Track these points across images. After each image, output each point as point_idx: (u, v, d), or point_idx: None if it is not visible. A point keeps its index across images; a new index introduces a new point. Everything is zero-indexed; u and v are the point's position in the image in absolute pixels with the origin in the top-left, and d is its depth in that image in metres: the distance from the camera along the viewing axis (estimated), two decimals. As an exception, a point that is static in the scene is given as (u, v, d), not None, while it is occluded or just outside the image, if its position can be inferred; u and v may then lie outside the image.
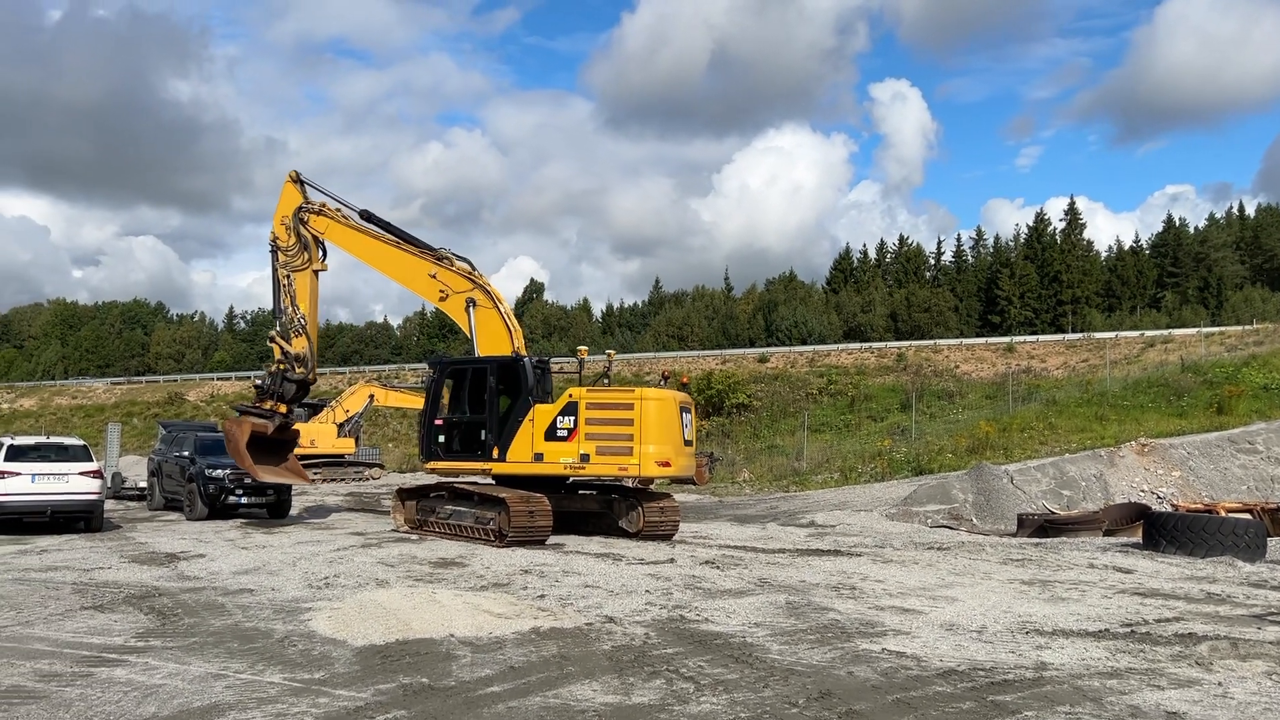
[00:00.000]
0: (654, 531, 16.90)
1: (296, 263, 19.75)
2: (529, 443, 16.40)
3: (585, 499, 17.73)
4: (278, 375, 19.55)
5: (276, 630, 8.89)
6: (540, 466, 16.39)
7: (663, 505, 17.15)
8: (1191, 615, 9.80)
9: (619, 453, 16.08)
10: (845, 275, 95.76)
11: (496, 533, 15.75)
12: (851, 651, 8.08)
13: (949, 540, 17.54)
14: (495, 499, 15.97)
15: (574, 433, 16.12)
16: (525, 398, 16.59)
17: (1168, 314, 73.65)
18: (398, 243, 19.35)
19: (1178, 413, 30.40)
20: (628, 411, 16.17)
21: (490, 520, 15.97)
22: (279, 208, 20.11)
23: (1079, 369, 46.91)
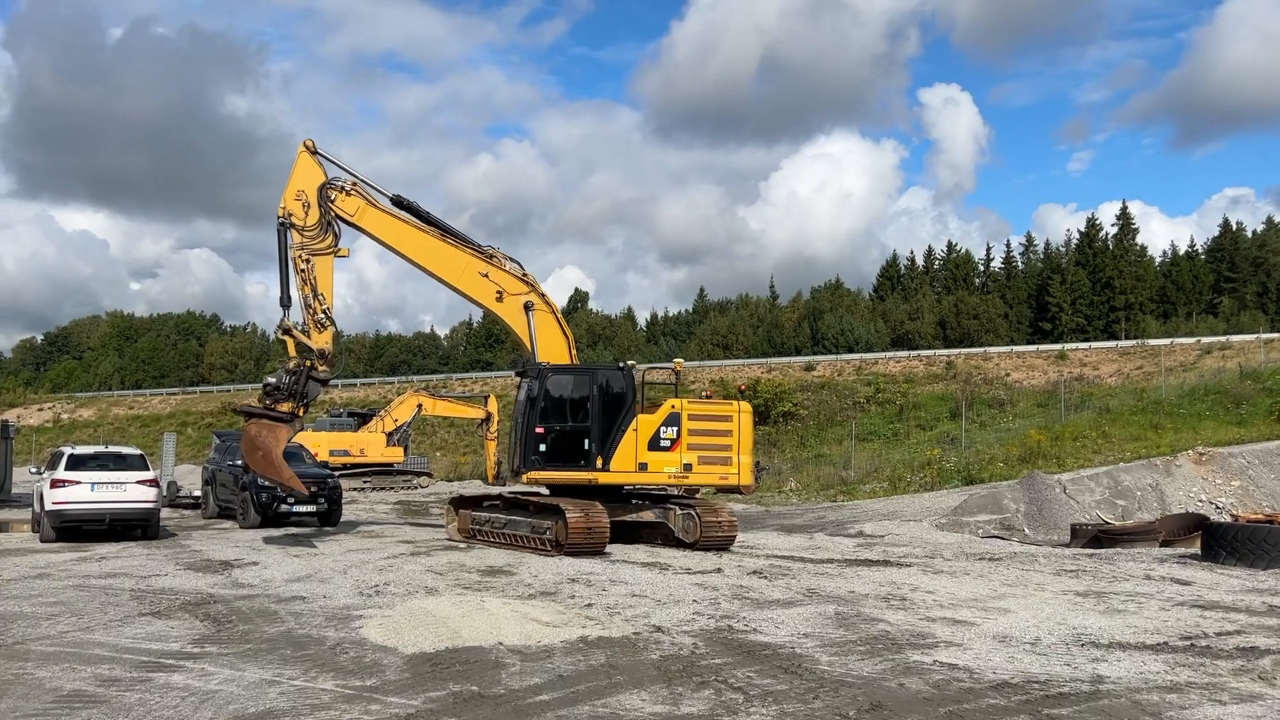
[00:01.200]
0: (711, 541, 16.55)
1: (319, 246, 17.50)
2: (633, 453, 16.22)
3: (640, 508, 17.41)
4: (300, 373, 17.07)
5: (328, 637, 9.00)
6: (645, 476, 16.42)
7: (720, 515, 16.80)
8: (1253, 628, 9.57)
9: (719, 462, 16.59)
10: (892, 282, 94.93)
11: (553, 542, 15.63)
12: (902, 663, 7.99)
13: (1000, 551, 17.30)
14: (552, 508, 15.83)
15: (676, 443, 16.28)
16: (630, 408, 16.44)
17: (1225, 320, 72.01)
18: (443, 235, 18.11)
19: (1236, 421, 29.73)
20: (727, 423, 16.77)
21: (547, 530, 15.85)
22: (293, 180, 17.58)
23: (1133, 376, 46.06)
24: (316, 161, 17.77)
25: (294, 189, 17.44)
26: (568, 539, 15.27)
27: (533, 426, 16.73)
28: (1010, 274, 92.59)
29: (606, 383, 16.69)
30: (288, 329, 17.20)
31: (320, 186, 17.52)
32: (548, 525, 15.87)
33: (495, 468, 40.16)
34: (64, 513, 17.34)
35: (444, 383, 70.58)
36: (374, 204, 17.87)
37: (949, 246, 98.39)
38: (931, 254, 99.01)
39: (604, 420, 16.36)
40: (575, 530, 15.24)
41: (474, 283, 17.95)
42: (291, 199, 17.37)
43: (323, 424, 39.28)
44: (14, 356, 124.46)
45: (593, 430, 16.38)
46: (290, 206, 17.31)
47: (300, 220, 17.25)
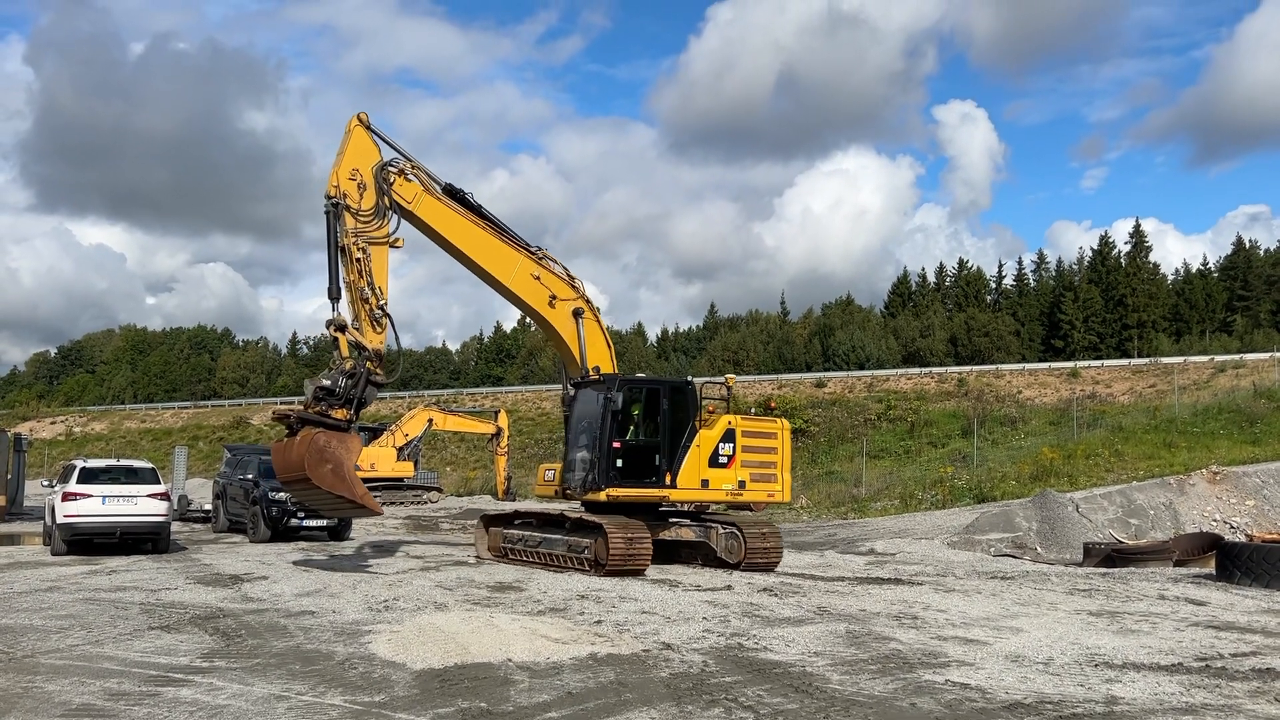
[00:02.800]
0: (757, 562, 15.94)
1: (375, 233, 15.46)
2: (697, 469, 15.91)
3: (680, 526, 16.71)
4: (359, 376, 14.96)
5: (337, 652, 8.98)
6: (706, 493, 16.12)
7: (765, 534, 16.19)
8: (1269, 649, 9.46)
9: (767, 479, 16.46)
10: (904, 299, 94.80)
11: (592, 562, 15.07)
12: (914, 682, 7.93)
13: (1013, 569, 17.18)
14: (590, 526, 15.24)
15: (733, 459, 16.10)
16: (694, 423, 16.14)
17: (1239, 338, 71.56)
18: (497, 232, 16.80)
19: (1251, 440, 29.52)
20: (772, 440, 16.67)
21: (585, 549, 15.27)
22: (346, 157, 15.56)
23: (1146, 395, 45.82)
24: (371, 138, 15.91)
25: (348, 167, 15.44)
26: (609, 558, 14.65)
27: (612, 440, 15.77)
28: (1022, 291, 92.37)
29: (675, 397, 16.35)
30: (342, 325, 15.04)
31: (377, 167, 15.68)
32: (586, 544, 15.28)
33: (505, 483, 40.33)
34: (75, 526, 17.38)
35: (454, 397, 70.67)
36: (431, 191, 16.26)
37: (960, 264, 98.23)
38: (943, 271, 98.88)
39: (673, 435, 16.03)
40: (616, 549, 14.64)
41: (526, 285, 16.86)
42: (345, 178, 15.34)
43: (333, 438, 39.28)
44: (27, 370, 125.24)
45: (663, 445, 16.01)
46: (345, 187, 15.27)
47: (355, 203, 15.26)
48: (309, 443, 14.27)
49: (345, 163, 15.48)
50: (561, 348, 17.50)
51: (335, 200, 15.13)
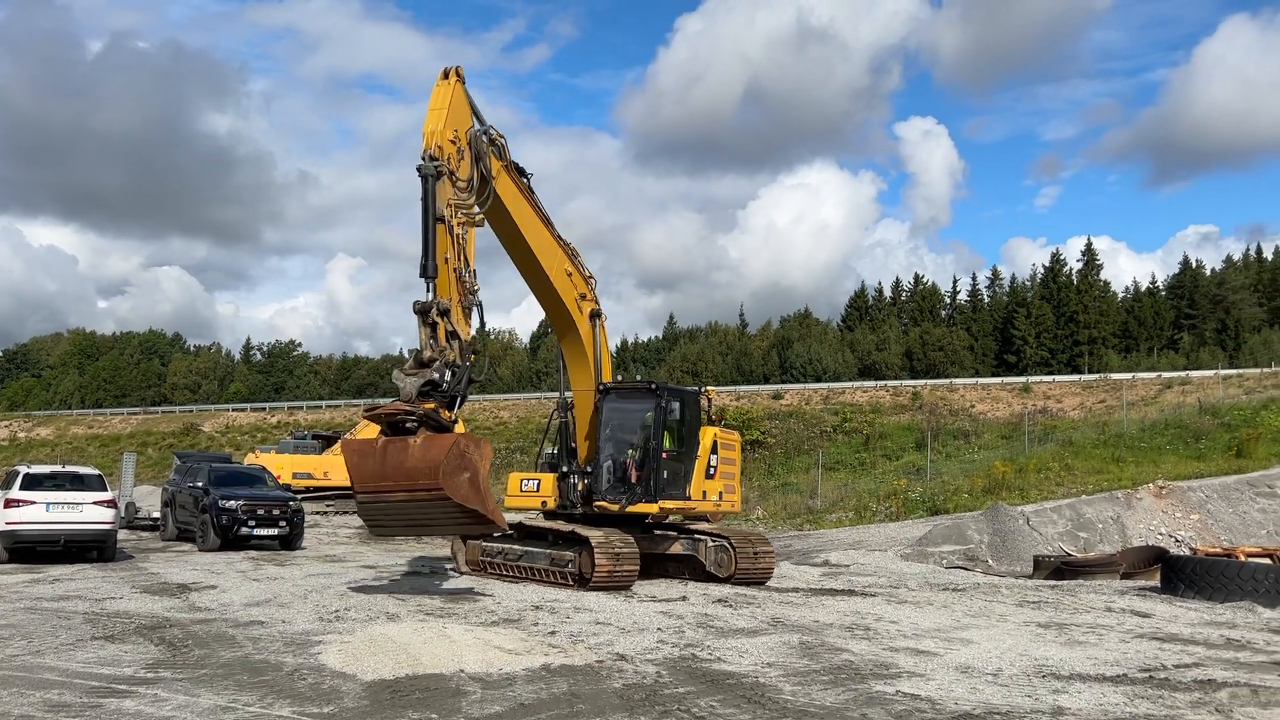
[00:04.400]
0: (749, 576, 15.59)
1: (472, 208, 13.41)
2: (700, 480, 15.79)
3: (667, 539, 16.31)
4: (463, 371, 12.64)
5: (287, 663, 8.85)
6: (704, 504, 16.02)
7: (756, 547, 15.84)
8: (1211, 661, 9.66)
9: (730, 490, 16.55)
10: (860, 313, 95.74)
11: (576, 576, 14.58)
12: (865, 693, 7.98)
13: (964, 581, 17.37)
14: (576, 538, 14.68)
15: (717, 470, 16.10)
16: (698, 433, 15.97)
17: (1185, 356, 73.16)
18: (547, 220, 15.51)
19: (1196, 455, 30.13)
20: (733, 452, 16.78)
21: (569, 563, 14.76)
22: (448, 116, 13.41)
23: (1095, 410, 46.62)
24: (467, 98, 14.01)
25: (449, 125, 13.34)
26: (594, 573, 14.11)
27: (660, 451, 15.30)
28: (976, 306, 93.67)
29: (694, 408, 16.25)
30: (445, 309, 12.51)
31: (474, 132, 13.82)
32: (570, 558, 14.75)
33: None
34: (18, 533, 16.99)
35: (411, 406, 69.95)
36: (508, 167, 14.64)
37: (916, 279, 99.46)
38: (899, 285, 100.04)
39: (694, 446, 15.95)
40: (602, 563, 14.09)
41: (562, 280, 15.68)
42: (448, 139, 13.24)
43: (286, 446, 38.86)
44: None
45: (687, 456, 15.88)
46: (447, 149, 13.17)
47: (455, 168, 13.23)
48: (450, 447, 11.84)
49: (448, 121, 13.37)
50: (575, 351, 16.50)
51: (436, 162, 12.89)
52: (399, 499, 12.10)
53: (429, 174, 12.82)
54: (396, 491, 12.04)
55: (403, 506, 12.21)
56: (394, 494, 12.08)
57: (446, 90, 13.68)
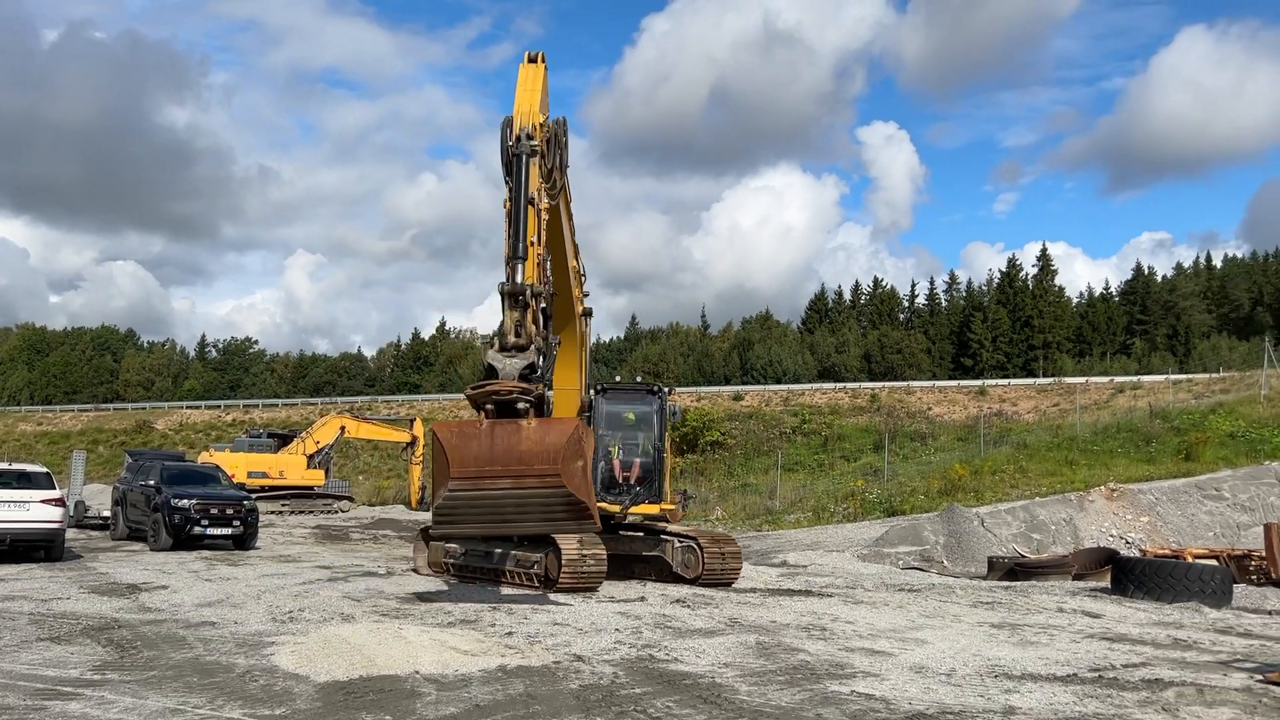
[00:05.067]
0: (715, 578, 15.44)
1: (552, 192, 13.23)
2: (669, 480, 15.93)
3: (632, 540, 16.11)
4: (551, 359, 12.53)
5: (238, 664, 8.73)
6: (669, 505, 16.02)
7: (724, 549, 15.69)
8: (1158, 661, 9.83)
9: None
10: (820, 315, 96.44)
11: (543, 578, 14.32)
12: (820, 693, 8.03)
13: (920, 582, 17.54)
14: (540, 539, 14.36)
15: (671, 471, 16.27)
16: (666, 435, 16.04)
17: (1137, 360, 74.53)
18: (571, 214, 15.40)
19: (1146, 459, 30.66)
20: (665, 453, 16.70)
21: (535, 564, 14.49)
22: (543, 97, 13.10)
23: (1049, 413, 47.31)
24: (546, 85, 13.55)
25: (544, 107, 13.04)
26: (560, 574, 13.85)
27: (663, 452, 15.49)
28: (934, 310, 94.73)
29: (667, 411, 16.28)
30: (538, 293, 12.02)
31: (559, 119, 13.43)
32: (536, 559, 14.47)
33: (420, 493, 39.76)
34: (-39, 532, 16.58)
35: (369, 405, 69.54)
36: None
37: (875, 282, 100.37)
38: (859, 289, 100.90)
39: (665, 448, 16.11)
40: (570, 565, 13.81)
41: (573, 275, 15.48)
42: (540, 120, 12.76)
43: (241, 444, 38.38)
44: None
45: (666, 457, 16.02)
46: (538, 133, 12.61)
47: (543, 152, 12.73)
48: (572, 432, 11.28)
49: (543, 103, 13.04)
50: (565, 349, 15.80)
51: (532, 142, 12.42)
52: (502, 487, 11.16)
53: (525, 153, 12.32)
54: (502, 479, 11.11)
55: (501, 497, 11.25)
56: (498, 481, 11.13)
57: (536, 72, 13.30)
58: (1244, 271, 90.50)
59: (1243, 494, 25.77)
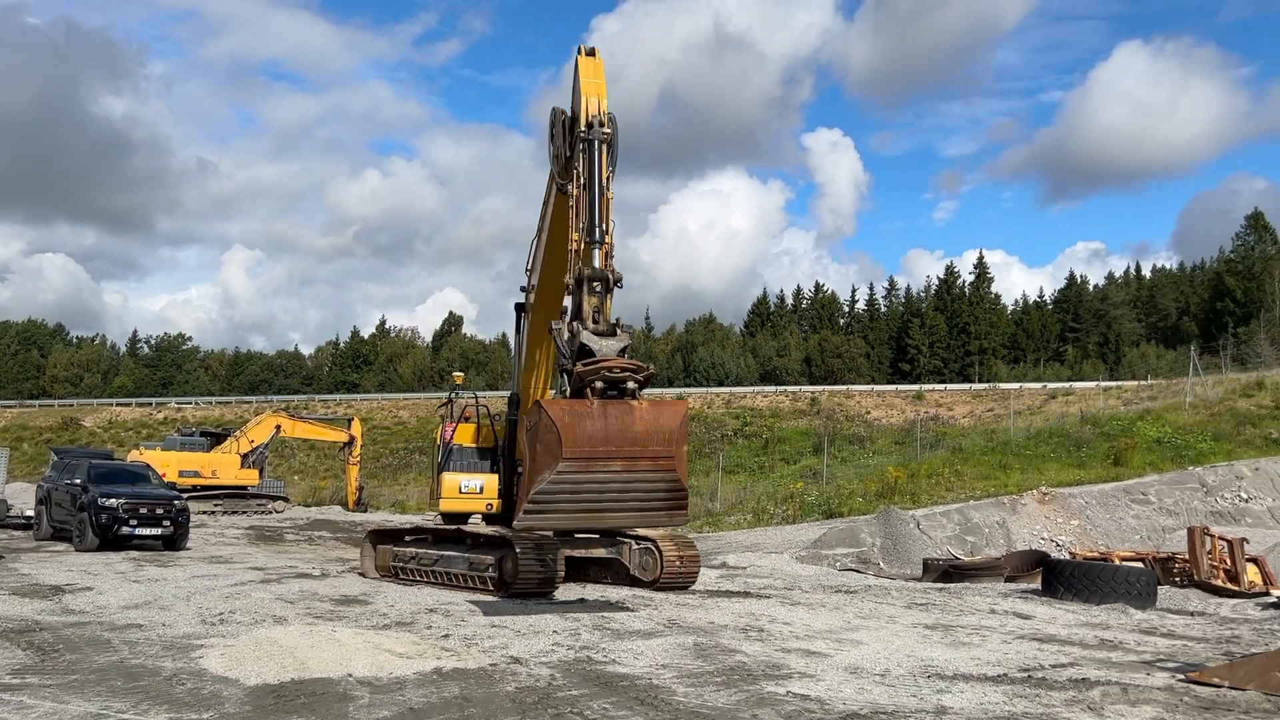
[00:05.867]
0: (674, 580, 15.05)
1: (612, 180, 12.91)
2: None
3: (588, 542, 15.60)
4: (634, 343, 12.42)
5: (165, 668, 8.51)
6: None
7: (682, 550, 15.29)
8: (1085, 661, 10.04)
9: None
10: (762, 319, 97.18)
11: (498, 581, 13.97)
12: (756, 694, 8.07)
13: (856, 583, 17.74)
14: (495, 542, 14.17)
15: None
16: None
17: (1069, 367, 76.35)
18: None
19: (1077, 463, 31.37)
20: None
21: (489, 567, 14.16)
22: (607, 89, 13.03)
23: (984, 418, 48.20)
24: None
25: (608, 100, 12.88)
26: (517, 577, 13.49)
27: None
28: (873, 316, 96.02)
29: None
30: (619, 280, 11.93)
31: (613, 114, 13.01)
32: (490, 562, 14.17)
33: (357, 494, 39.23)
34: (-126, 531, 15.99)
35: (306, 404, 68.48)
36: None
37: (817, 287, 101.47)
38: (800, 293, 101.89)
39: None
40: (527, 568, 13.41)
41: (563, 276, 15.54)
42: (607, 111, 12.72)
43: (172, 443, 37.51)
44: None
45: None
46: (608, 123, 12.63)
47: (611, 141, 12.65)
48: (683, 415, 11.12)
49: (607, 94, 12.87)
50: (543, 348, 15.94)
51: (610, 131, 12.53)
52: (613, 470, 10.85)
53: (600, 139, 12.34)
54: (615, 460, 10.80)
55: (608, 481, 10.91)
56: (610, 463, 10.80)
57: (599, 64, 13.19)
58: (1172, 282, 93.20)
59: (1168, 498, 26.51)
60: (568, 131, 12.87)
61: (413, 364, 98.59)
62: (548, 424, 10.66)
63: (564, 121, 12.92)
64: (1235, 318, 76.15)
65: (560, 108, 13.15)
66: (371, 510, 39.45)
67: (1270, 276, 77.60)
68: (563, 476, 10.68)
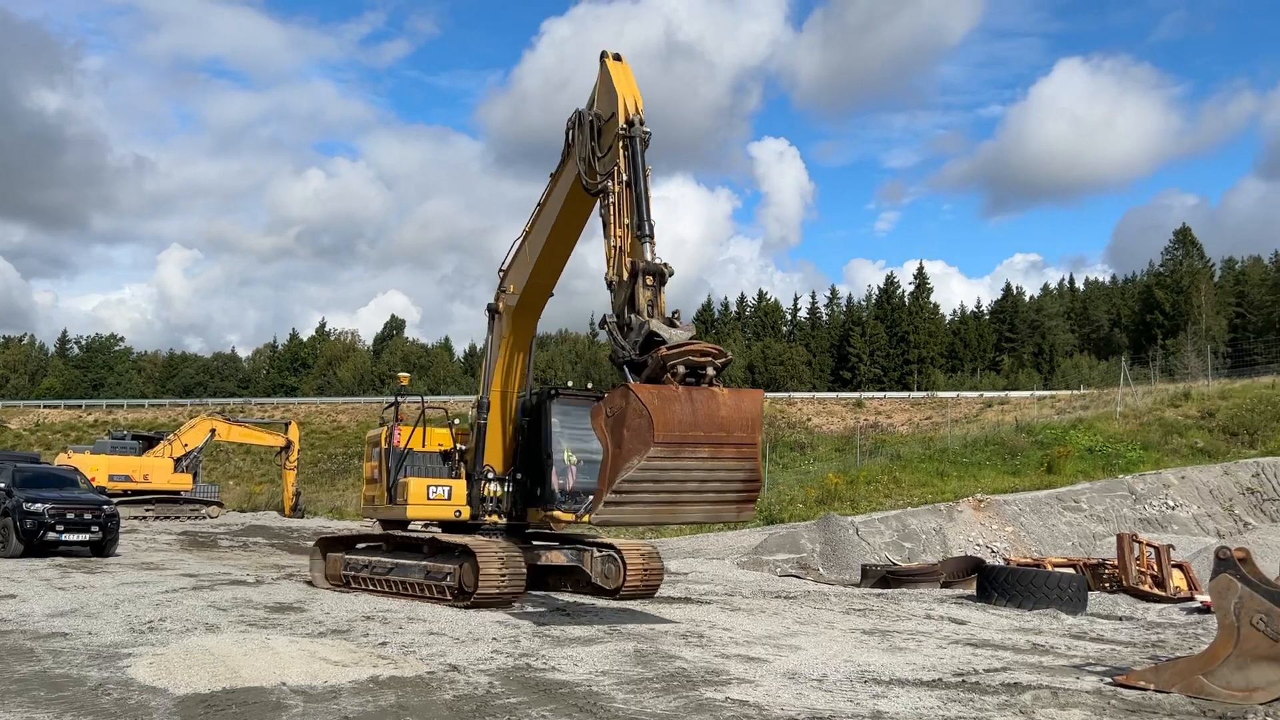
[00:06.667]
0: (637, 588, 14.78)
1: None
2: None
3: (548, 549, 15.35)
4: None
5: (90, 677, 8.28)
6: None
7: (646, 558, 15.01)
8: (1018, 665, 10.23)
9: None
10: (706, 327, 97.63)
11: (457, 590, 13.55)
12: (695, 700, 8.08)
13: (796, 589, 17.88)
14: (455, 549, 13.73)
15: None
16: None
17: (1005, 377, 77.84)
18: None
19: (1011, 471, 32.01)
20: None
21: (448, 576, 13.73)
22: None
23: (923, 426, 48.93)
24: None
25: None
26: (478, 586, 13.05)
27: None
28: (815, 324, 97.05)
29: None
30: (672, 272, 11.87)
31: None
32: (449, 570, 13.72)
33: (294, 499, 38.60)
34: None
35: (242, 407, 67.23)
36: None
37: (760, 295, 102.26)
38: (744, 301, 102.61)
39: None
40: (489, 576, 13.05)
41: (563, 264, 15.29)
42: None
43: (103, 446, 36.59)
44: None
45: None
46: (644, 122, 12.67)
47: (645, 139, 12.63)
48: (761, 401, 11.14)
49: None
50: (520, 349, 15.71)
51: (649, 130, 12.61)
52: (700, 456, 10.56)
53: (642, 137, 12.46)
54: (702, 446, 10.52)
55: (692, 470, 10.62)
56: (698, 449, 10.52)
57: (628, 68, 13.27)
58: (1104, 295, 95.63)
59: (1099, 505, 27.17)
60: (597, 133, 12.90)
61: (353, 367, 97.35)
62: (637, 408, 10.25)
63: (592, 123, 12.96)
64: (1164, 330, 78.43)
65: (582, 110, 13.27)
66: (309, 516, 38.84)
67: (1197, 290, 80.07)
68: (652, 464, 10.29)
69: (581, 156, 12.90)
